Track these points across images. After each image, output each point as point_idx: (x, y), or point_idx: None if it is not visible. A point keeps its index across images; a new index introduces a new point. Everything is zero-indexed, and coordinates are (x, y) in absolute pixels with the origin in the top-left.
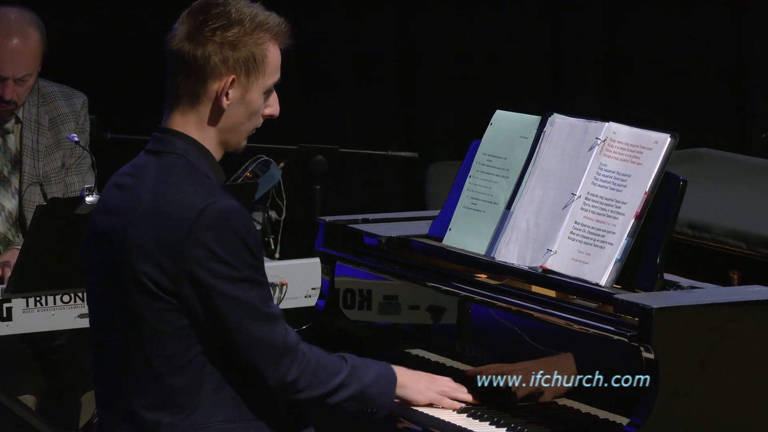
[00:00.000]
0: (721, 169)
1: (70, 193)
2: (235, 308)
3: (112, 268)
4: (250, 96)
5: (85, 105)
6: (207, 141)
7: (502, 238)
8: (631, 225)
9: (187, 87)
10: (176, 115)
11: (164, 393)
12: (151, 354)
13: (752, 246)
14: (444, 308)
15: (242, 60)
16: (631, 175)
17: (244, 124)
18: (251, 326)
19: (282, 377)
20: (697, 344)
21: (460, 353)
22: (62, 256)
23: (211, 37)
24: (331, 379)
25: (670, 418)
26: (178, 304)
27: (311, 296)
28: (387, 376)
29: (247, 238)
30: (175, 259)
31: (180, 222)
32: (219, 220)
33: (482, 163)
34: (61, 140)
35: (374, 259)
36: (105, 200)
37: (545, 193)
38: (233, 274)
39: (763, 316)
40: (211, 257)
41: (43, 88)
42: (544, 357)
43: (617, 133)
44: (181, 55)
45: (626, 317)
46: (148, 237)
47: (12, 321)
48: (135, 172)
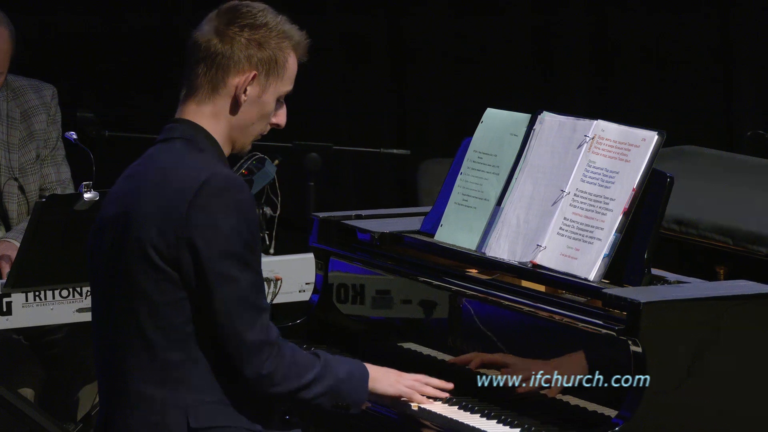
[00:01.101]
0: (707, 166)
1: (47, 184)
2: (222, 284)
3: (118, 246)
4: (266, 97)
5: (54, 96)
6: (218, 134)
7: (492, 233)
8: (619, 221)
9: (209, 77)
10: (191, 105)
11: (160, 368)
12: (149, 326)
13: (738, 241)
14: (436, 302)
15: (265, 60)
16: (619, 172)
17: (254, 125)
18: (237, 308)
19: (258, 369)
20: (684, 338)
21: (452, 347)
22: (61, 251)
23: (240, 33)
24: (305, 373)
25: (657, 411)
26: (176, 274)
27: (305, 291)
28: (359, 372)
29: (248, 212)
30: (177, 226)
31: (184, 189)
32: (222, 189)
33: (473, 160)
34: (33, 132)
35: (367, 255)
36: (114, 191)
37: (535, 190)
38: (227, 247)
39: (749, 311)
40: (210, 225)
41: (12, 83)
42: (533, 350)
43: (605, 130)
44: (207, 47)
45: (614, 311)
46: (153, 206)
47: (11, 315)
48: (143, 161)
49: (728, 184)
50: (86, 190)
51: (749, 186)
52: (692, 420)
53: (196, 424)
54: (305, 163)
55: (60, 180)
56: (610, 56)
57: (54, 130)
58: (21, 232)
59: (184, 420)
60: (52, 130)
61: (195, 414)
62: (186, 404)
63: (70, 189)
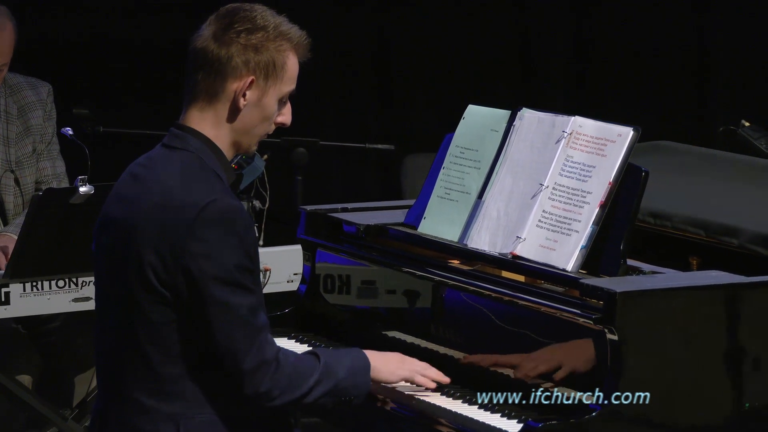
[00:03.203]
0: (681, 161)
1: (43, 177)
2: (218, 311)
3: (119, 254)
4: (266, 100)
5: (50, 94)
6: (220, 140)
7: (474, 226)
8: (596, 213)
9: (208, 84)
10: (194, 112)
11: (155, 380)
12: (146, 341)
13: (711, 233)
14: (419, 292)
15: (263, 63)
16: (596, 166)
17: (257, 128)
18: (231, 333)
19: (256, 388)
20: (659, 326)
21: (434, 335)
22: (58, 243)
23: (236, 39)
24: (305, 382)
25: (633, 396)
26: (172, 298)
27: (293, 281)
28: (360, 365)
29: (245, 239)
30: (174, 252)
31: (183, 217)
32: (219, 218)
33: (455, 155)
34: (30, 127)
35: (353, 246)
36: (119, 189)
37: (515, 184)
38: (223, 274)
39: (721, 300)
40: (205, 253)
41: (9, 80)
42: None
43: (583, 126)
44: (204, 53)
45: (591, 301)
46: (154, 228)
47: (10, 305)
48: (149, 164)
49: (701, 178)
50: (82, 184)
51: (721, 180)
52: (666, 404)
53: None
54: (293, 158)
55: (55, 174)
56: (588, 55)
57: (50, 126)
58: (19, 225)
59: (175, 431)
60: (47, 125)
61: (186, 426)
62: (179, 417)
63: (65, 182)
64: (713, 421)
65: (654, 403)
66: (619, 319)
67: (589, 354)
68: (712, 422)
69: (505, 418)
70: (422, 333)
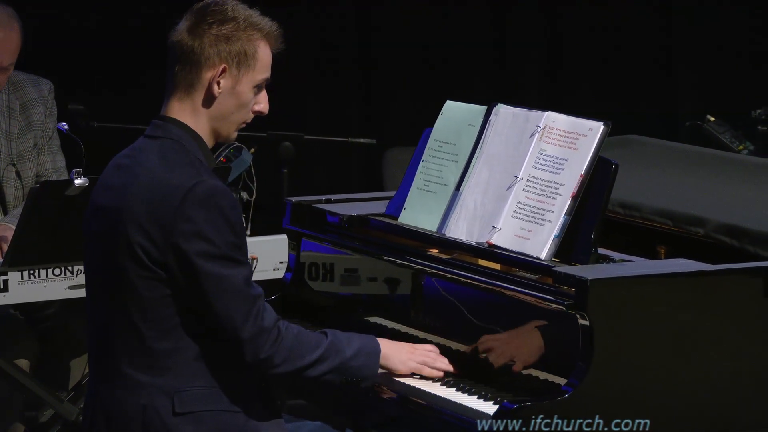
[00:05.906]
0: (650, 154)
1: (43, 171)
2: (214, 283)
3: (109, 238)
4: (240, 87)
5: (51, 91)
6: (200, 128)
7: (451, 216)
8: (568, 204)
9: (184, 75)
10: (173, 103)
11: (148, 355)
12: (138, 318)
13: (678, 223)
14: (399, 280)
15: (234, 53)
16: (568, 159)
17: (234, 115)
18: (228, 303)
19: (256, 355)
20: (629, 312)
21: (414, 320)
22: (54, 233)
23: (208, 30)
24: (309, 353)
25: (603, 378)
26: (165, 274)
27: (279, 269)
28: (370, 349)
29: (231, 216)
30: (164, 232)
31: (171, 198)
32: (206, 198)
33: (434, 149)
34: (31, 123)
35: (336, 236)
36: (105, 179)
37: (491, 176)
38: (214, 251)
39: (688, 287)
40: (195, 232)
41: (12, 77)
42: (490, 324)
43: (556, 121)
44: (180, 46)
45: (564, 287)
46: (142, 210)
47: (8, 292)
48: (133, 154)
49: (669, 170)
50: (77, 176)
51: (688, 172)
52: (635, 386)
53: (181, 408)
54: (279, 152)
55: (55, 168)
56: (560, 51)
57: (50, 122)
58: (17, 216)
59: (170, 404)
60: (48, 121)
61: (180, 399)
62: (172, 390)
63: (65, 176)
64: (680, 402)
65: (623, 386)
66: (590, 305)
67: (562, 338)
68: (680, 404)
69: (482, 399)
70: (402, 318)
